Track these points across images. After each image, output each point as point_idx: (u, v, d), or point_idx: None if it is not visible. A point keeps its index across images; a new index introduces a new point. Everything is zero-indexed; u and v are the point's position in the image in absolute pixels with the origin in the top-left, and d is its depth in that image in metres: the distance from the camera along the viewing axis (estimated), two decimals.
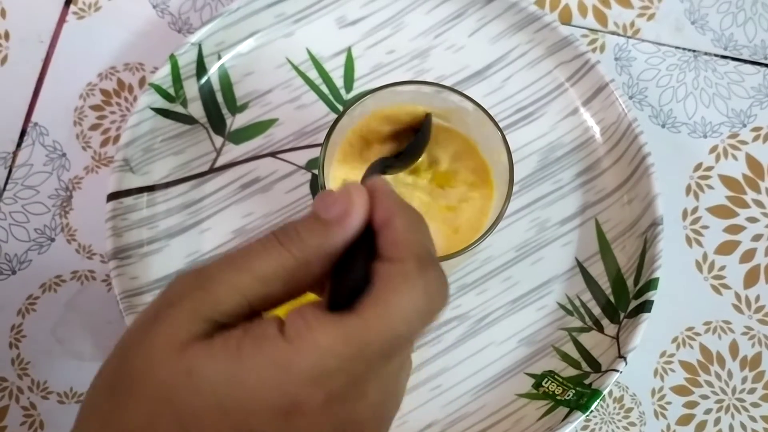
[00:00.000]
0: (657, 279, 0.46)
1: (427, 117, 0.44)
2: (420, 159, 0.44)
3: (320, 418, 0.25)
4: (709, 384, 0.48)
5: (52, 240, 0.50)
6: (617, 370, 0.45)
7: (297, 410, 0.25)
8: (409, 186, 0.43)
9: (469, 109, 0.42)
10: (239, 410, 0.25)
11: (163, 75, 0.49)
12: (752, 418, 0.48)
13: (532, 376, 0.47)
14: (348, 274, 0.27)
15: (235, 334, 0.26)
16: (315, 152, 0.51)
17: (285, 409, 0.25)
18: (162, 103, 0.50)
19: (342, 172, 0.44)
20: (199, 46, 0.50)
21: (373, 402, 0.27)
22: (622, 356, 0.45)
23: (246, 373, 0.25)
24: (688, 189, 0.52)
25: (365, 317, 0.25)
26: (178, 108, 0.50)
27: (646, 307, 0.46)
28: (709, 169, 0.52)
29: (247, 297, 0.26)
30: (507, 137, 0.42)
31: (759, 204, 0.51)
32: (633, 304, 0.47)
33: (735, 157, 0.52)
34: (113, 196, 0.47)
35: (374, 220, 0.28)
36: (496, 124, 0.42)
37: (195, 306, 0.26)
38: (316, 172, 0.50)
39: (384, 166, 0.40)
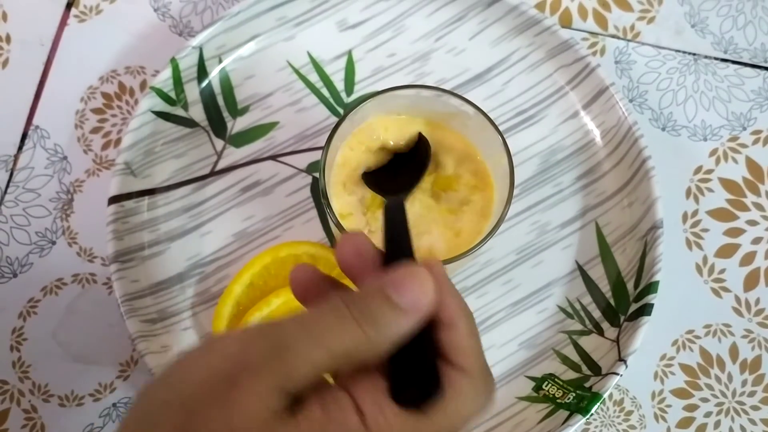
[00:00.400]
0: (657, 282, 0.46)
1: (421, 139, 0.44)
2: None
3: None
4: (709, 387, 0.48)
5: (53, 243, 0.50)
6: (617, 374, 0.45)
7: None
8: None
9: (469, 113, 0.42)
10: None
11: (164, 78, 0.49)
12: (752, 421, 0.48)
13: (533, 379, 0.47)
14: (414, 368, 0.28)
15: (315, 415, 0.26)
16: (316, 155, 0.51)
17: None
18: (163, 106, 0.50)
19: (343, 177, 0.44)
20: (200, 49, 0.50)
21: None
22: (622, 359, 0.45)
23: None
24: (688, 192, 0.52)
25: (437, 422, 0.27)
26: (179, 111, 0.50)
27: (646, 310, 0.46)
28: (709, 172, 0.52)
29: (319, 368, 0.27)
30: (507, 141, 0.42)
31: (759, 207, 0.51)
32: (633, 307, 0.47)
33: (735, 161, 0.52)
34: (114, 200, 0.47)
35: (440, 314, 0.29)
36: (496, 128, 0.42)
37: (274, 378, 0.26)
38: (316, 175, 0.50)
39: (399, 201, 0.38)
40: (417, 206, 0.43)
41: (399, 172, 0.44)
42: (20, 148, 0.51)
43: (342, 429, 0.26)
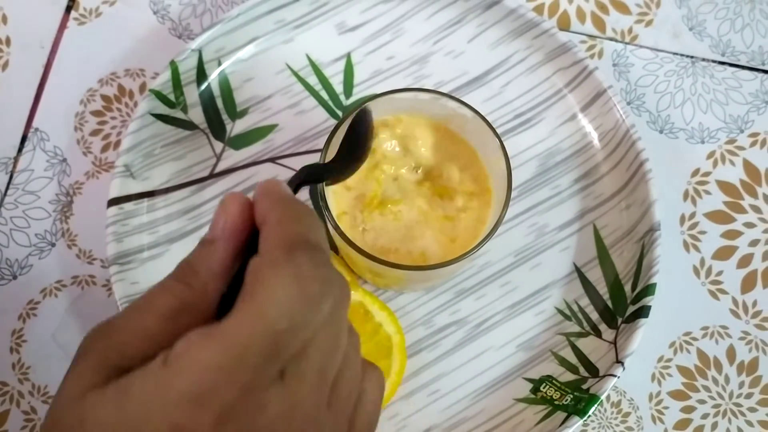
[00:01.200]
0: (654, 285, 0.46)
1: (363, 111, 0.40)
2: (364, 164, 0.40)
3: None
4: (707, 389, 0.49)
5: (53, 245, 0.50)
6: (615, 375, 0.45)
7: None
8: (410, 193, 0.44)
9: (467, 116, 0.42)
10: None
11: (163, 81, 0.50)
12: (749, 423, 0.48)
13: (530, 380, 0.47)
14: (235, 287, 0.26)
15: (129, 375, 0.25)
16: (314, 158, 0.51)
17: None
18: (162, 108, 0.50)
19: None
20: (200, 52, 0.50)
21: (278, 412, 0.24)
22: (619, 361, 0.45)
23: (133, 410, 0.24)
24: (686, 194, 0.52)
25: (238, 318, 0.24)
26: (178, 114, 0.51)
27: (643, 312, 0.46)
28: (707, 174, 0.52)
29: (152, 336, 0.26)
30: (506, 143, 0.42)
31: (756, 209, 0.51)
32: (630, 309, 0.47)
33: (732, 163, 0.52)
34: (114, 202, 0.47)
35: (256, 222, 0.27)
36: (494, 131, 0.42)
37: (100, 355, 0.26)
38: None
39: (310, 173, 0.35)
40: (414, 212, 0.43)
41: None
42: (20, 150, 0.52)
43: (143, 375, 0.24)
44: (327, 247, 0.28)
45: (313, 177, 0.36)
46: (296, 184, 0.34)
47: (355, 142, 0.39)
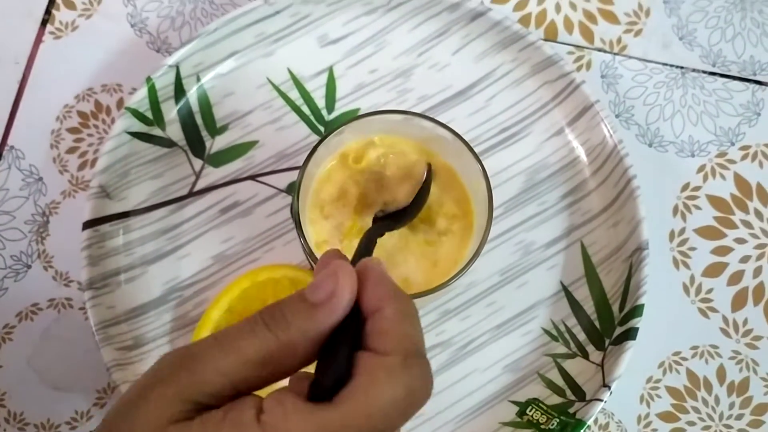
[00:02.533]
0: (642, 306, 0.45)
1: (429, 169, 0.43)
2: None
3: None
4: (696, 410, 0.48)
5: (29, 267, 0.49)
6: (601, 400, 0.44)
7: None
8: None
9: (447, 137, 0.41)
10: None
11: (139, 98, 0.48)
12: None
13: (517, 403, 0.46)
14: (331, 362, 0.26)
15: (214, 417, 0.25)
16: (296, 175, 0.50)
17: None
18: (139, 126, 0.49)
19: (320, 201, 0.43)
20: (177, 67, 0.49)
21: None
22: (606, 385, 0.44)
23: None
24: (675, 209, 0.51)
25: (342, 410, 0.25)
26: (156, 131, 0.49)
27: (630, 334, 0.45)
28: (697, 189, 0.51)
29: (232, 379, 0.26)
30: (491, 158, 0.41)
31: (747, 224, 0.50)
32: (618, 330, 0.46)
33: (723, 177, 0.51)
34: (89, 224, 0.46)
35: (364, 305, 0.27)
36: (474, 154, 0.41)
37: (179, 387, 0.26)
38: None
39: (381, 230, 0.38)
40: (394, 238, 0.42)
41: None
42: None
43: (233, 426, 0.25)
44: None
45: (381, 233, 0.39)
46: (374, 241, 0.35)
47: (425, 192, 0.43)
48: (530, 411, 0.46)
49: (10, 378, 0.47)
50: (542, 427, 0.45)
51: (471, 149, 0.40)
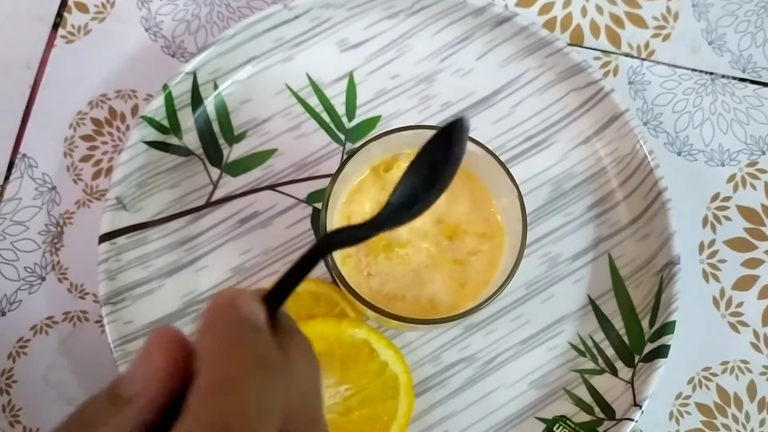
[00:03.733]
0: (674, 322, 0.44)
1: (461, 125, 0.29)
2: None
3: None
4: (726, 427, 0.47)
5: (43, 279, 0.48)
6: (632, 420, 0.43)
7: None
8: (417, 235, 0.41)
9: (477, 153, 0.40)
10: None
11: (156, 107, 0.47)
12: None
13: (543, 420, 0.45)
14: None
15: None
16: (316, 184, 0.49)
17: None
18: (155, 135, 0.47)
19: (348, 212, 0.42)
20: (194, 74, 0.48)
21: None
22: (637, 404, 0.43)
23: None
24: (705, 221, 0.49)
25: None
26: (172, 140, 0.48)
27: (662, 352, 0.44)
28: (727, 199, 0.50)
29: None
30: (516, 167, 0.40)
31: None
32: (648, 347, 0.45)
33: (754, 187, 0.50)
34: (105, 237, 0.45)
35: (184, 378, 0.23)
36: (507, 170, 0.39)
37: None
38: (317, 205, 0.48)
39: (340, 237, 0.27)
40: (422, 256, 0.41)
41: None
42: (7, 177, 0.49)
43: None
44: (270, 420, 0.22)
45: (345, 243, 0.27)
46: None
47: (443, 166, 0.29)
48: (558, 428, 0.45)
49: (25, 393, 0.46)
50: None
51: (504, 166, 0.39)
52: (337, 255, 0.40)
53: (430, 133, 0.38)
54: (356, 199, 0.42)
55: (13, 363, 0.46)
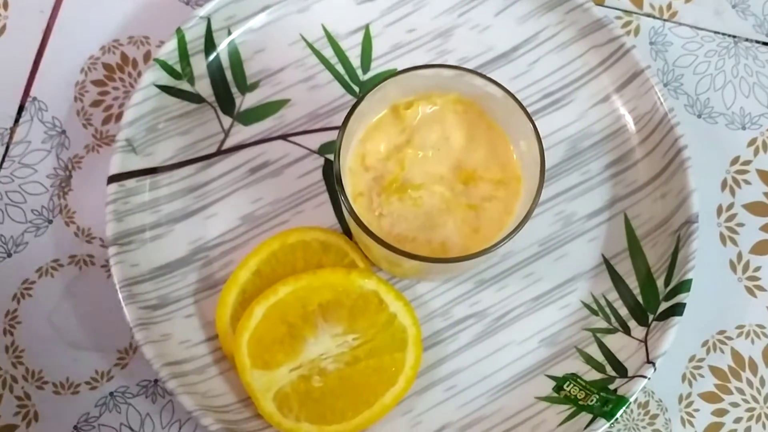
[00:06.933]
0: (690, 281, 0.43)
1: None
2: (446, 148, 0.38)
3: None
4: (740, 391, 0.46)
5: (50, 222, 0.47)
6: (645, 377, 0.42)
7: None
8: (432, 178, 0.40)
9: (497, 95, 0.39)
10: None
11: (169, 50, 0.46)
12: None
13: (553, 378, 0.45)
14: None
15: None
16: (328, 135, 0.48)
17: None
18: (167, 80, 0.47)
19: (363, 151, 0.41)
20: (208, 20, 0.47)
21: None
22: (650, 362, 0.42)
23: None
24: (724, 184, 0.49)
25: None
26: (184, 85, 0.47)
27: (677, 310, 0.43)
28: (747, 163, 0.49)
29: None
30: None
31: None
32: (663, 306, 0.44)
33: None
34: (114, 179, 0.44)
35: None
36: (526, 112, 0.38)
37: None
38: (329, 156, 0.48)
39: None
40: (435, 199, 0.40)
41: None
42: (17, 120, 0.49)
43: None
44: None
45: None
46: None
47: None
48: (568, 386, 0.44)
49: (29, 335, 0.45)
50: (580, 403, 0.43)
51: (523, 108, 0.38)
52: (350, 193, 0.40)
53: (449, 72, 0.38)
54: (373, 137, 0.41)
55: (18, 304, 0.46)
